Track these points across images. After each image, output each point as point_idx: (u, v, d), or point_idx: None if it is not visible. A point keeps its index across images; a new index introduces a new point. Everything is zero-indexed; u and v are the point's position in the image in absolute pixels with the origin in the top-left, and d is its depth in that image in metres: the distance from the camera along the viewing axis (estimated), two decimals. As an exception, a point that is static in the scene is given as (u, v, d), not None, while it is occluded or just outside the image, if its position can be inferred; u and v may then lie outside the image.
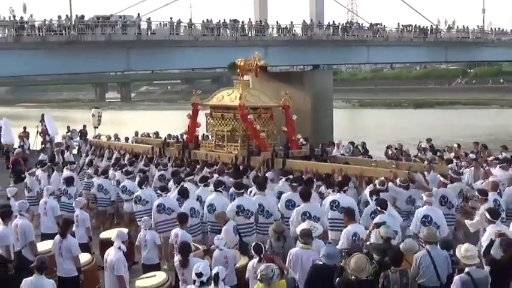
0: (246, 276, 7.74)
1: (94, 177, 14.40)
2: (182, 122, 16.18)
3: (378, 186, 10.68)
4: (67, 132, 25.59)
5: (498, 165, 12.95)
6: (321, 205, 10.22)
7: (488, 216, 8.44)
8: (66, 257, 8.57)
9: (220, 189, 10.97)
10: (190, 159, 14.90)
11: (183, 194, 10.92)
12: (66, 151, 20.22)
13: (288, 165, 13.18)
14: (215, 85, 73.56)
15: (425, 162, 13.67)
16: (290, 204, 10.38)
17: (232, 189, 11.16)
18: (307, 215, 9.58)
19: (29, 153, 23.21)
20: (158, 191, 11.39)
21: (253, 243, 7.95)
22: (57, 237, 8.84)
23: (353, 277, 6.53)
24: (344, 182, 10.73)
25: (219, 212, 9.93)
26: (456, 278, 6.78)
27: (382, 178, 10.94)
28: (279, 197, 10.96)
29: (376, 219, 8.74)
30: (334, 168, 12.53)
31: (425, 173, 12.12)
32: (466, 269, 6.66)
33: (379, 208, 9.07)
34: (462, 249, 6.79)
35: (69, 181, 13.13)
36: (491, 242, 7.50)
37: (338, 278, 6.74)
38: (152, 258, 9.40)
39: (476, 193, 10.26)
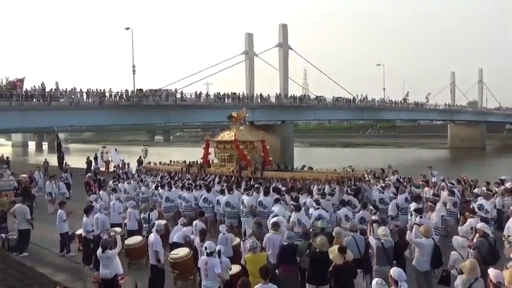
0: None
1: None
2: (200, 154, 16.21)
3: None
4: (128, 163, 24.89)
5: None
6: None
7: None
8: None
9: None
10: (205, 173, 15.12)
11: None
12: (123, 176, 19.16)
13: (265, 174, 13.62)
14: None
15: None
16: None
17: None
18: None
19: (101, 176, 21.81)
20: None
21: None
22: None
23: (317, 250, 6.45)
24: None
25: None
26: (373, 241, 6.79)
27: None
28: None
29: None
30: (293, 175, 13.20)
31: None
32: (381, 240, 6.65)
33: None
34: (380, 230, 6.83)
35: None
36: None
37: (308, 250, 6.68)
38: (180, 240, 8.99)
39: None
